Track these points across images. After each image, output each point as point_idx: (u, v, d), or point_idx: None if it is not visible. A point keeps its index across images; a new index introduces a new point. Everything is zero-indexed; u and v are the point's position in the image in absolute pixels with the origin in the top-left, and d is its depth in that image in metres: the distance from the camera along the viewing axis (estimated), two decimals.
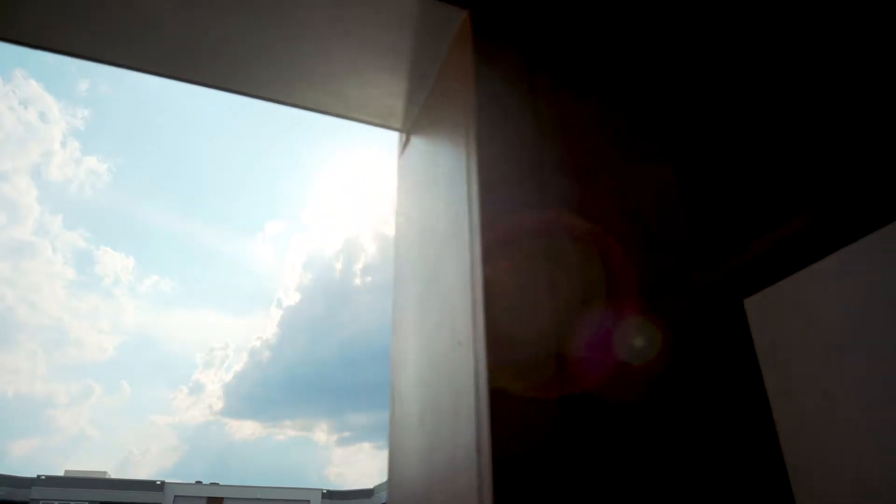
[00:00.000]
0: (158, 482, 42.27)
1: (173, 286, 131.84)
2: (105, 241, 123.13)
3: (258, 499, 43.98)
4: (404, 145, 1.39)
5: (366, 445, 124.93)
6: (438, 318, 0.94)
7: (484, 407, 0.72)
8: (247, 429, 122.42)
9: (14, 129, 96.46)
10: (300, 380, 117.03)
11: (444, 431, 0.83)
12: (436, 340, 0.93)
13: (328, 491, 46.49)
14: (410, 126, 1.37)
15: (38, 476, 40.18)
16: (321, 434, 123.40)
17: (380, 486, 44.58)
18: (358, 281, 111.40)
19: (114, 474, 43.66)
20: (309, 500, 45.21)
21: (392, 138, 1.40)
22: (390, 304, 1.31)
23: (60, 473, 41.65)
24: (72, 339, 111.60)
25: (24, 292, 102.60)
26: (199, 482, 44.09)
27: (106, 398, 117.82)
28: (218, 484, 44.16)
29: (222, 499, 43.33)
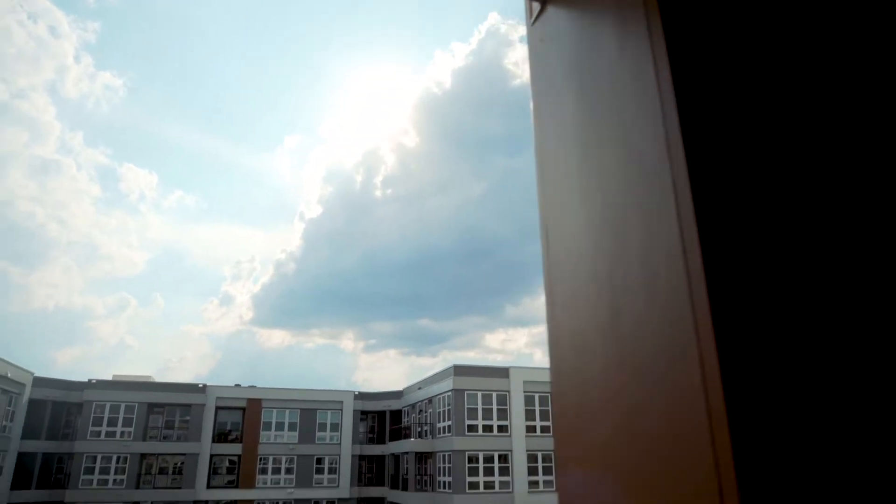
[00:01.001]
0: (201, 385, 44.72)
1: (197, 201, 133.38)
2: (127, 158, 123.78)
3: (294, 399, 46.45)
4: (538, 13, 1.28)
5: (391, 352, 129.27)
6: (614, 200, 0.89)
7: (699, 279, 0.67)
8: (276, 337, 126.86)
9: (25, 44, 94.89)
10: (325, 290, 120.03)
11: (641, 306, 0.80)
12: (618, 232, 0.88)
13: (360, 392, 48.84)
14: None
15: (90, 380, 42.69)
16: (348, 342, 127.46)
17: (408, 388, 46.66)
18: (378, 193, 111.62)
19: (156, 379, 46.14)
20: (342, 401, 47.63)
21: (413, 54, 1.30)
22: (536, 181, 1.28)
23: (108, 378, 44.17)
24: (103, 254, 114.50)
25: (53, 210, 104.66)
26: (237, 385, 46.55)
27: (141, 310, 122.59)
28: (255, 387, 46.59)
29: (260, 400, 45.87)
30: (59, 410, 42.35)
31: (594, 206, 0.99)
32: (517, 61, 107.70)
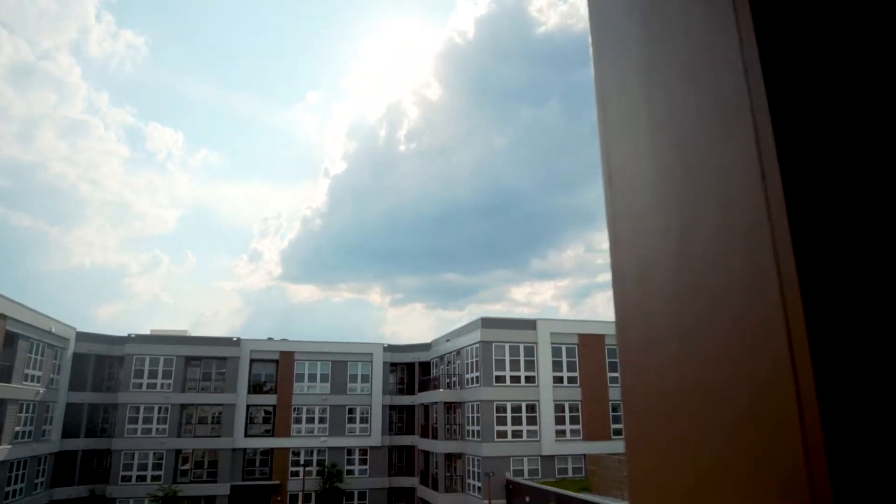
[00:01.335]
0: (235, 339, 46.02)
1: (223, 159, 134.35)
2: (152, 117, 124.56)
3: (325, 352, 47.57)
4: None
5: (418, 306, 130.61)
6: (684, 129, 0.85)
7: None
8: (305, 292, 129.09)
9: (47, 4, 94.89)
10: (351, 245, 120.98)
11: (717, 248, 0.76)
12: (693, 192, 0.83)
13: (389, 345, 49.77)
14: None
15: (129, 335, 44.23)
16: (375, 296, 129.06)
17: (436, 340, 47.36)
18: (402, 147, 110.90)
19: (192, 333, 47.51)
20: (371, 354, 48.66)
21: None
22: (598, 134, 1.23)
23: (147, 332, 45.67)
24: (134, 213, 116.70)
25: (85, 170, 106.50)
26: (270, 339, 47.79)
27: (173, 267, 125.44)
28: (287, 340, 47.78)
29: (293, 353, 47.10)
30: (101, 364, 44.13)
31: (662, 136, 0.96)
32: (541, 7, 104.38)
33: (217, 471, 43.00)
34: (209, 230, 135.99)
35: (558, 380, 37.52)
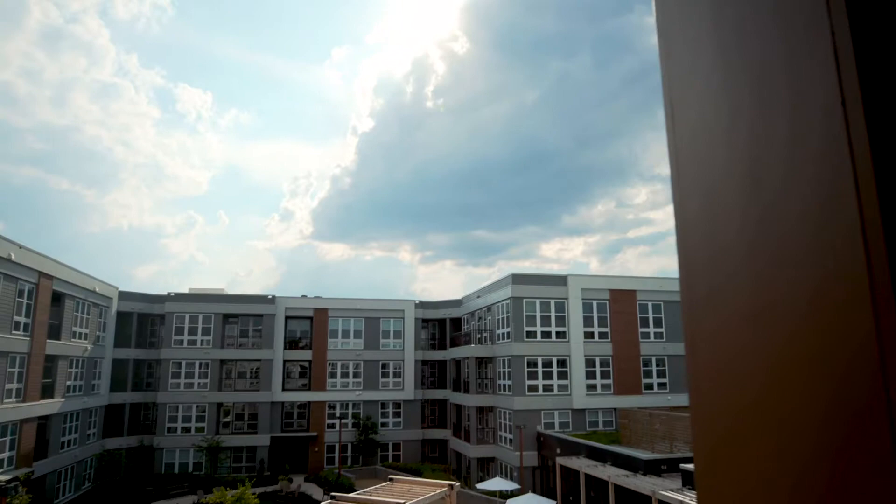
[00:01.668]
0: (270, 296, 47.04)
1: (252, 119, 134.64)
2: (181, 78, 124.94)
3: (358, 309, 48.38)
4: None
5: (447, 263, 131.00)
6: (755, 55, 0.81)
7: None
8: (336, 251, 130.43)
9: None
10: (381, 203, 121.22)
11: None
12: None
13: (420, 301, 50.33)
14: None
15: (169, 293, 45.55)
16: (405, 254, 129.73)
17: (467, 296, 47.68)
18: (430, 104, 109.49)
19: (228, 291, 48.64)
20: (403, 310, 49.32)
21: None
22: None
23: (185, 291, 46.95)
24: (168, 174, 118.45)
25: (118, 133, 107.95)
26: (304, 296, 48.70)
27: (208, 227, 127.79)
28: (321, 297, 48.65)
29: (326, 309, 48.02)
30: (143, 321, 45.70)
31: (731, 66, 0.93)
32: None
33: (257, 423, 44.65)
34: (241, 190, 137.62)
35: (589, 335, 37.61)
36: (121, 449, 41.22)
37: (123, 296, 44.03)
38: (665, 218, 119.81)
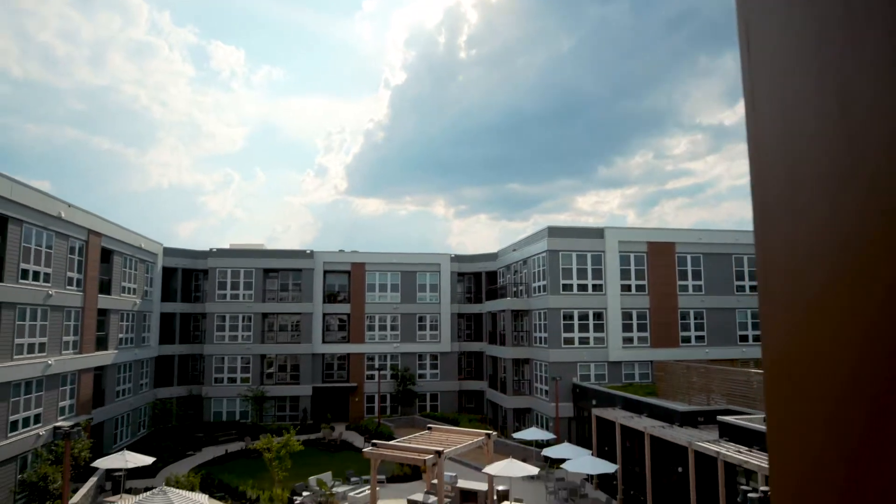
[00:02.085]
0: (308, 251, 47.88)
1: (284, 75, 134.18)
2: (214, 35, 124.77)
3: (394, 263, 48.92)
4: None
5: (482, 217, 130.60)
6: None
7: None
8: (371, 206, 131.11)
9: None
10: (414, 158, 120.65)
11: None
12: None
13: (456, 255, 50.57)
14: None
15: (211, 249, 46.75)
16: (439, 208, 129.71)
17: (503, 250, 47.68)
18: (463, 55, 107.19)
19: (267, 247, 49.59)
20: (439, 264, 49.68)
21: None
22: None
23: (226, 247, 48.08)
24: (204, 132, 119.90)
25: (154, 92, 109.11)
26: (341, 251, 49.40)
27: (244, 184, 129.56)
28: (357, 251, 49.29)
29: (363, 263, 48.70)
30: (187, 276, 47.14)
31: None
32: None
33: (299, 374, 46.14)
34: (275, 147, 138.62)
35: (626, 288, 37.37)
36: (172, 398, 43.21)
37: (168, 252, 45.37)
38: (705, 169, 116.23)
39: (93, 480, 26.17)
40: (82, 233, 30.51)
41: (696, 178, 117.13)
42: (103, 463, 25.16)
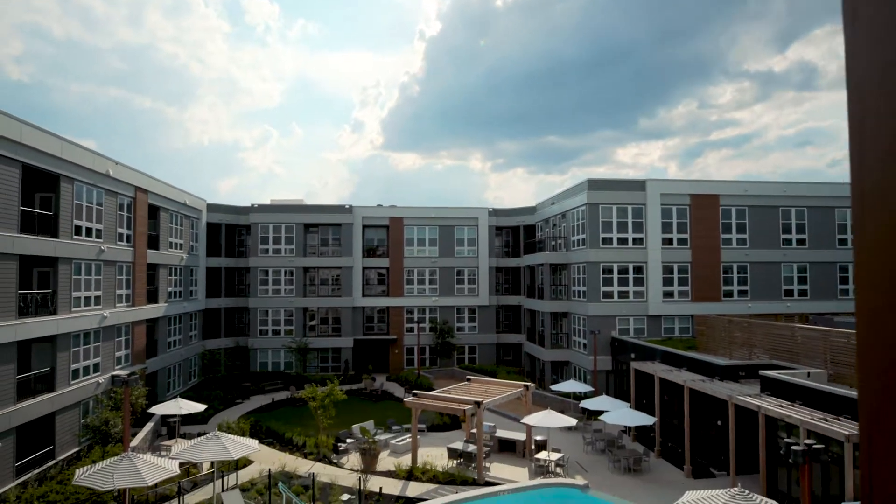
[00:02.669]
0: (347, 206, 48.33)
1: (319, 29, 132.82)
2: None
3: (432, 217, 49.04)
4: None
5: (519, 171, 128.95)
6: None
7: None
8: (407, 160, 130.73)
9: None
10: (451, 111, 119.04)
11: None
12: None
13: (493, 209, 50.34)
14: None
15: (252, 205, 47.62)
16: (476, 162, 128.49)
17: (541, 203, 47.22)
18: (499, 2, 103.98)
19: (306, 202, 50.16)
20: (477, 218, 49.60)
21: None
22: None
23: (267, 202, 48.88)
24: (242, 88, 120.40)
25: (192, 49, 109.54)
26: (379, 205, 49.69)
27: (282, 140, 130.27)
28: (396, 206, 49.51)
29: (402, 218, 48.97)
30: (231, 232, 48.27)
31: None
32: None
33: (340, 326, 47.28)
34: (311, 102, 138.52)
35: (667, 241, 36.74)
36: (219, 349, 44.91)
37: (211, 208, 46.39)
38: (752, 118, 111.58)
39: (149, 426, 27.65)
40: (130, 190, 31.38)
41: (742, 128, 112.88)
42: (159, 409, 26.50)
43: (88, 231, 26.89)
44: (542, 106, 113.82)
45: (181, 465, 19.14)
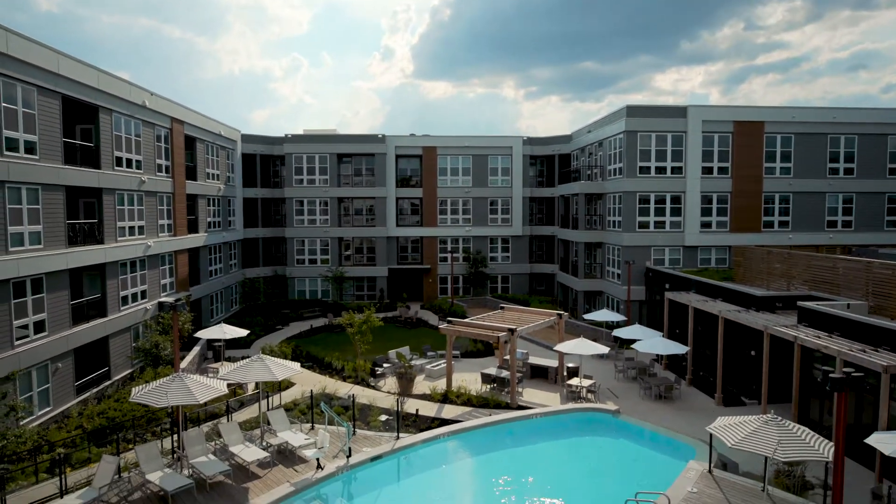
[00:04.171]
0: (380, 136, 48.01)
1: None
2: None
3: (465, 146, 48.46)
4: None
5: (553, 98, 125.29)
6: None
7: None
8: (439, 89, 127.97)
9: None
10: (482, 36, 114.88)
11: None
12: None
13: (528, 138, 49.44)
14: None
15: (286, 135, 47.67)
16: (508, 90, 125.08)
17: (577, 131, 46.15)
18: None
19: (339, 132, 49.98)
20: (511, 147, 48.84)
21: None
22: None
23: (300, 132, 48.83)
24: (270, 16, 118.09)
25: None
26: (412, 134, 49.22)
27: (313, 70, 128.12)
28: (429, 135, 48.98)
29: (435, 147, 48.53)
30: (266, 162, 48.62)
31: None
32: None
33: (375, 255, 48.02)
34: (341, 29, 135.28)
35: (707, 170, 35.77)
36: (259, 277, 46.22)
37: (245, 139, 46.61)
38: (802, 40, 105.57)
39: (196, 349, 28.98)
40: (166, 121, 31.63)
41: (790, 51, 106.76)
42: (205, 334, 27.67)
43: (129, 162, 27.40)
44: (578, 29, 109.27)
45: (228, 385, 20.14)
